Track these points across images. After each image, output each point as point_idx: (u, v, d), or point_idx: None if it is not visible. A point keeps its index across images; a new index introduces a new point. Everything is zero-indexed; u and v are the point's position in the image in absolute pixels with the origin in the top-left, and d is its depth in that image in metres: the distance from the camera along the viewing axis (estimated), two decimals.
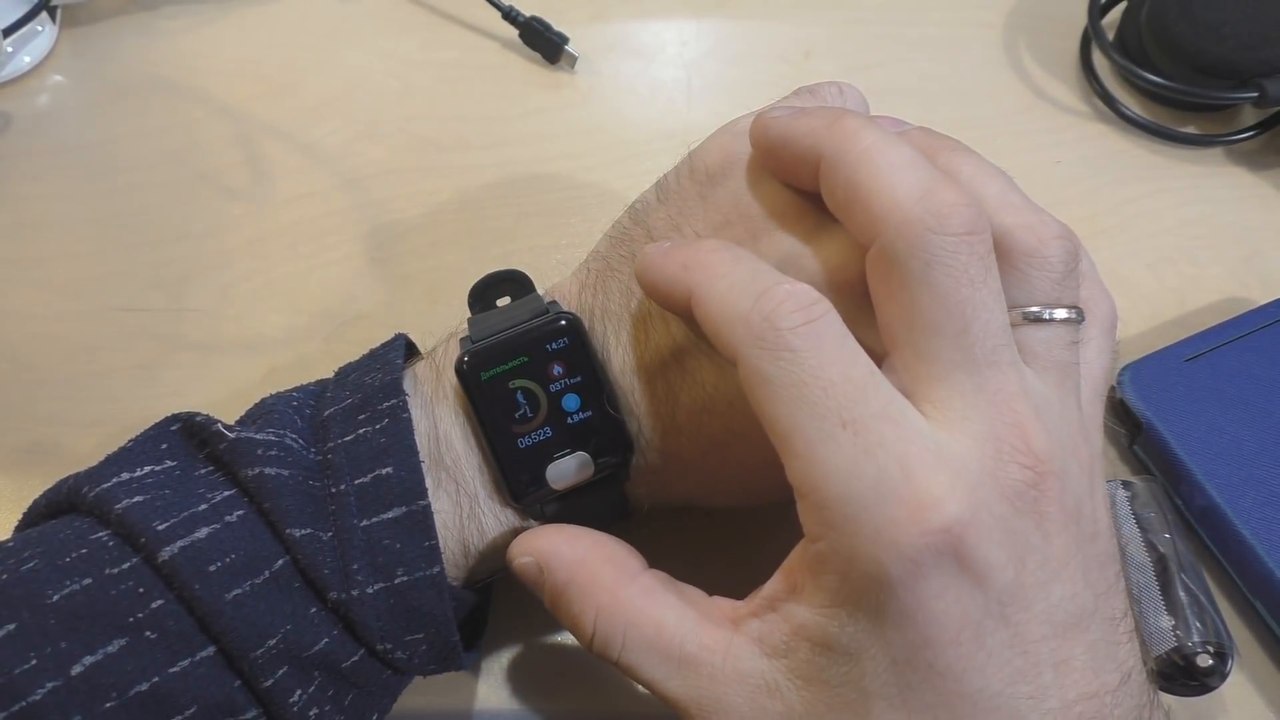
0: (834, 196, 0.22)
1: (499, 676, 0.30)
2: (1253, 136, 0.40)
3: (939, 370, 0.20)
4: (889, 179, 0.21)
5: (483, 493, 0.25)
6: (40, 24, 0.44)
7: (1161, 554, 0.29)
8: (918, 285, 0.20)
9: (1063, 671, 0.19)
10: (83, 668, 0.21)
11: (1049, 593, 0.19)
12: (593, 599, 0.23)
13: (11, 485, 0.33)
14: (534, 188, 0.40)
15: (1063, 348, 0.21)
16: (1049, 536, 0.20)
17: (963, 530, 0.18)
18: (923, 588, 0.18)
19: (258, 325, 0.36)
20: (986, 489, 0.19)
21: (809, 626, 0.20)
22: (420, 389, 0.26)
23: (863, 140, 0.21)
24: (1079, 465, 0.21)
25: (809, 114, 0.23)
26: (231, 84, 0.43)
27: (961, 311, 0.20)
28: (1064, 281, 0.21)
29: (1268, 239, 0.38)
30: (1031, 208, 0.22)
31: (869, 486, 0.19)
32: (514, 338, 0.25)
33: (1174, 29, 0.39)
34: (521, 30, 0.43)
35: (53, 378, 0.35)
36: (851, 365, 0.19)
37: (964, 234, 0.20)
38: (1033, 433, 0.20)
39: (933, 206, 0.20)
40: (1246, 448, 0.30)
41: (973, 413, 0.20)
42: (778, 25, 0.45)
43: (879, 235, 0.20)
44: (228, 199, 0.40)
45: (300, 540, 0.22)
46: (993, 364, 0.20)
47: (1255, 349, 0.32)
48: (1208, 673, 0.27)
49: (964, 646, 0.19)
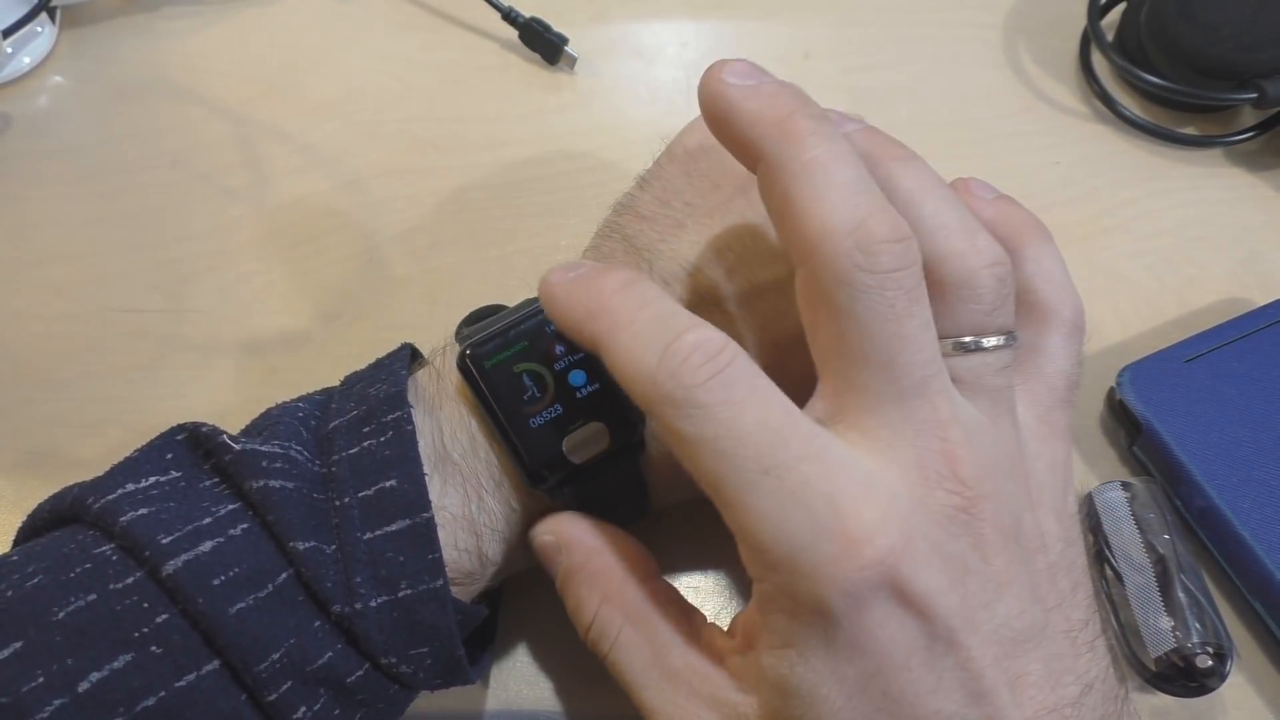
0: (769, 201, 0.22)
1: (502, 681, 0.30)
2: (1252, 137, 0.40)
3: (866, 400, 0.20)
4: (825, 203, 0.20)
5: (492, 484, 0.25)
6: (40, 25, 0.44)
7: (1161, 555, 0.29)
8: (844, 317, 0.20)
9: (1018, 689, 0.20)
10: (89, 684, 0.20)
11: (994, 612, 0.20)
12: (601, 587, 0.24)
13: (11, 486, 0.33)
14: (533, 189, 0.40)
15: (993, 374, 0.21)
16: (987, 557, 0.20)
17: (897, 559, 0.19)
18: (867, 618, 0.19)
19: (258, 326, 0.36)
20: (919, 516, 0.19)
21: (765, 669, 0.20)
22: (422, 395, 0.26)
23: (808, 151, 0.21)
24: (1015, 484, 0.21)
25: (761, 97, 0.22)
26: (231, 85, 0.43)
27: (887, 345, 0.20)
28: (994, 311, 0.21)
29: (1267, 240, 0.38)
30: (965, 230, 0.22)
31: (801, 527, 0.19)
32: (511, 324, 0.26)
33: (1173, 30, 0.39)
34: (521, 31, 0.43)
35: (53, 378, 0.35)
36: (766, 411, 0.19)
37: (890, 271, 0.20)
38: (960, 458, 0.20)
39: (863, 241, 0.20)
40: (1246, 449, 0.30)
41: (899, 441, 0.20)
42: (777, 26, 0.45)
43: (808, 261, 0.20)
44: (228, 200, 0.40)
45: (304, 553, 0.22)
46: (920, 394, 0.20)
47: (1255, 350, 0.32)
48: (1207, 673, 0.27)
49: (915, 671, 0.19)
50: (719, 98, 0.22)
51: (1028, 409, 0.23)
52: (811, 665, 0.19)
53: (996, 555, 0.20)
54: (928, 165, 0.23)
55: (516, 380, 0.25)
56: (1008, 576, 0.20)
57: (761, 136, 0.21)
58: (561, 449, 0.24)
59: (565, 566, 0.24)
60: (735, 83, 0.22)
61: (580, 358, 0.25)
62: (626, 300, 0.21)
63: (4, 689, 0.20)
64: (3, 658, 0.20)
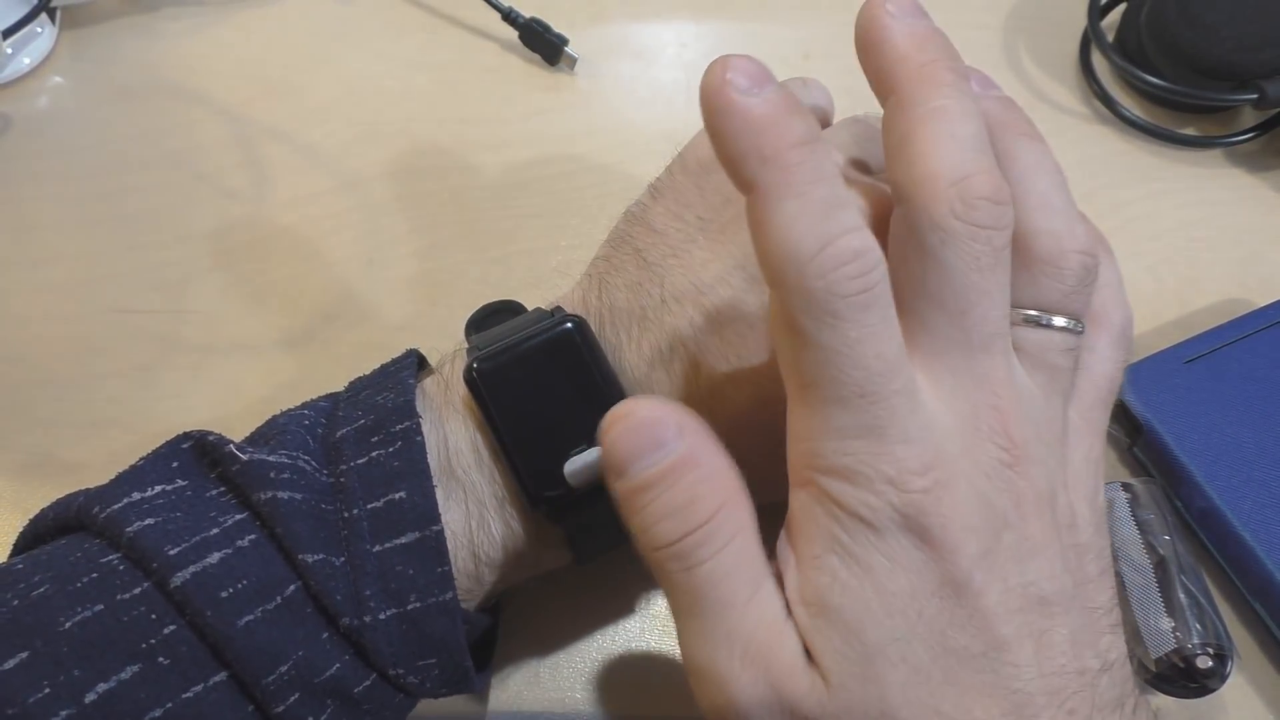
0: (888, 135, 0.22)
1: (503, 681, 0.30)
2: (1252, 138, 0.40)
3: (936, 345, 0.21)
4: (939, 149, 0.20)
5: (494, 501, 0.25)
6: (40, 25, 0.44)
7: (1161, 556, 0.29)
8: (930, 259, 0.20)
9: (1042, 645, 0.20)
10: (96, 695, 0.20)
11: (1024, 569, 0.20)
12: (725, 487, 0.21)
13: (11, 487, 0.33)
14: (534, 189, 0.40)
15: (1056, 353, 0.22)
16: (1025, 518, 0.20)
17: (941, 493, 0.19)
18: (906, 540, 0.19)
19: (257, 327, 0.36)
20: (966, 462, 0.20)
21: (802, 589, 0.20)
22: (429, 404, 0.26)
23: (942, 98, 0.21)
24: (1055, 460, 0.22)
25: (915, 35, 0.22)
26: (231, 86, 0.43)
27: (965, 294, 0.20)
28: (1072, 294, 0.22)
29: (1267, 240, 0.38)
30: (1067, 214, 0.22)
31: (868, 447, 0.20)
32: (521, 339, 0.25)
33: (1173, 30, 0.39)
34: (521, 32, 0.43)
35: (52, 379, 0.35)
36: (887, 343, 0.20)
37: (983, 226, 0.20)
38: (1011, 418, 0.21)
39: (964, 192, 0.20)
40: (1246, 449, 0.30)
41: (960, 390, 0.21)
42: (777, 27, 0.45)
43: (909, 198, 0.21)
44: (227, 200, 0.40)
45: (312, 566, 0.22)
46: (986, 349, 0.21)
47: (1255, 351, 0.32)
48: (1207, 674, 0.27)
49: (945, 601, 0.19)
50: (874, 24, 0.22)
51: (1072, 405, 0.23)
52: (854, 573, 0.20)
53: (1033, 519, 0.20)
54: (1049, 149, 0.23)
55: (523, 400, 0.25)
56: (1041, 540, 0.20)
57: (902, 72, 0.22)
58: (562, 473, 0.24)
59: (683, 455, 0.20)
60: (895, 13, 0.22)
61: (590, 379, 0.25)
62: (805, 161, 0.19)
63: (11, 699, 0.20)
64: (9, 668, 0.20)
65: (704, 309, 0.25)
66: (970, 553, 0.19)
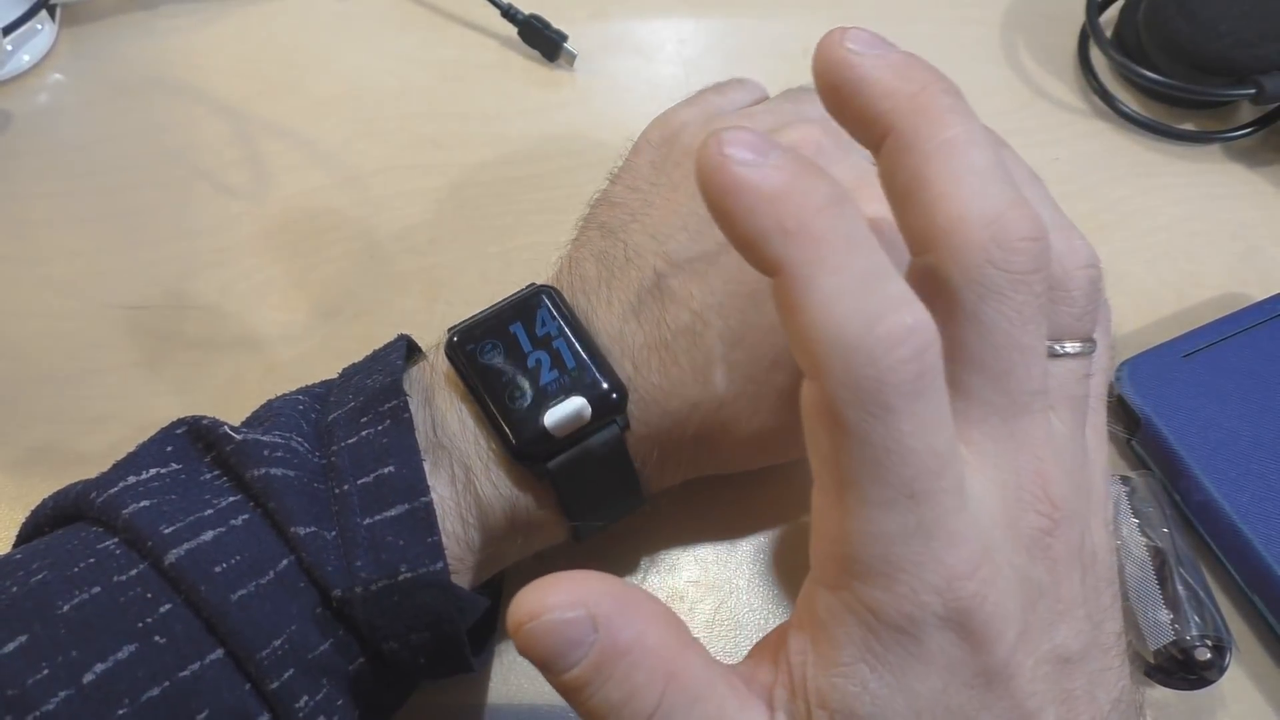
0: (893, 180, 0.19)
1: (503, 675, 0.30)
2: (1250, 133, 0.40)
3: (976, 410, 0.19)
4: (962, 189, 0.18)
5: (480, 464, 0.25)
6: (40, 22, 0.44)
7: (1160, 549, 0.29)
8: (967, 317, 0.18)
9: (1064, 705, 0.19)
10: (94, 675, 0.21)
11: (1054, 635, 0.19)
12: (662, 666, 0.18)
13: (12, 483, 0.33)
14: (533, 185, 0.40)
15: (1075, 382, 0.21)
16: (1058, 580, 0.19)
17: (987, 591, 0.18)
18: (945, 639, 0.18)
19: (257, 323, 0.36)
20: (1009, 545, 0.19)
21: (825, 691, 0.18)
22: (417, 385, 0.26)
23: (948, 128, 0.19)
24: (1084, 501, 0.20)
25: (894, 66, 0.20)
26: (231, 82, 0.43)
27: (1009, 354, 0.18)
28: (1084, 315, 0.21)
29: (1265, 235, 0.38)
30: (1062, 227, 0.21)
31: (914, 553, 0.17)
32: (498, 310, 0.26)
33: (1172, 26, 0.39)
34: (520, 28, 0.43)
35: (53, 375, 0.35)
36: (939, 434, 0.17)
37: (1025, 273, 0.18)
38: (1052, 479, 0.19)
39: (1001, 236, 0.18)
40: (1244, 443, 0.31)
41: (1004, 461, 0.19)
42: (776, 23, 0.45)
43: (934, 250, 0.18)
44: (227, 197, 0.40)
45: (304, 539, 0.23)
46: (1027, 410, 0.19)
47: (1253, 345, 0.32)
48: (1206, 666, 0.27)
49: (975, 690, 0.18)
50: (842, 65, 0.20)
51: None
52: (885, 682, 0.18)
53: (1065, 578, 0.19)
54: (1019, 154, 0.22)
55: (501, 362, 0.25)
56: (1070, 599, 0.20)
57: (893, 109, 0.19)
58: (544, 424, 0.24)
59: (604, 648, 0.18)
60: (860, 50, 0.20)
61: (563, 334, 0.26)
62: (840, 230, 0.17)
63: (11, 681, 0.20)
64: (9, 651, 0.20)
65: (664, 255, 0.27)
66: (1009, 640, 0.18)
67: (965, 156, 0.18)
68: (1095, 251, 0.21)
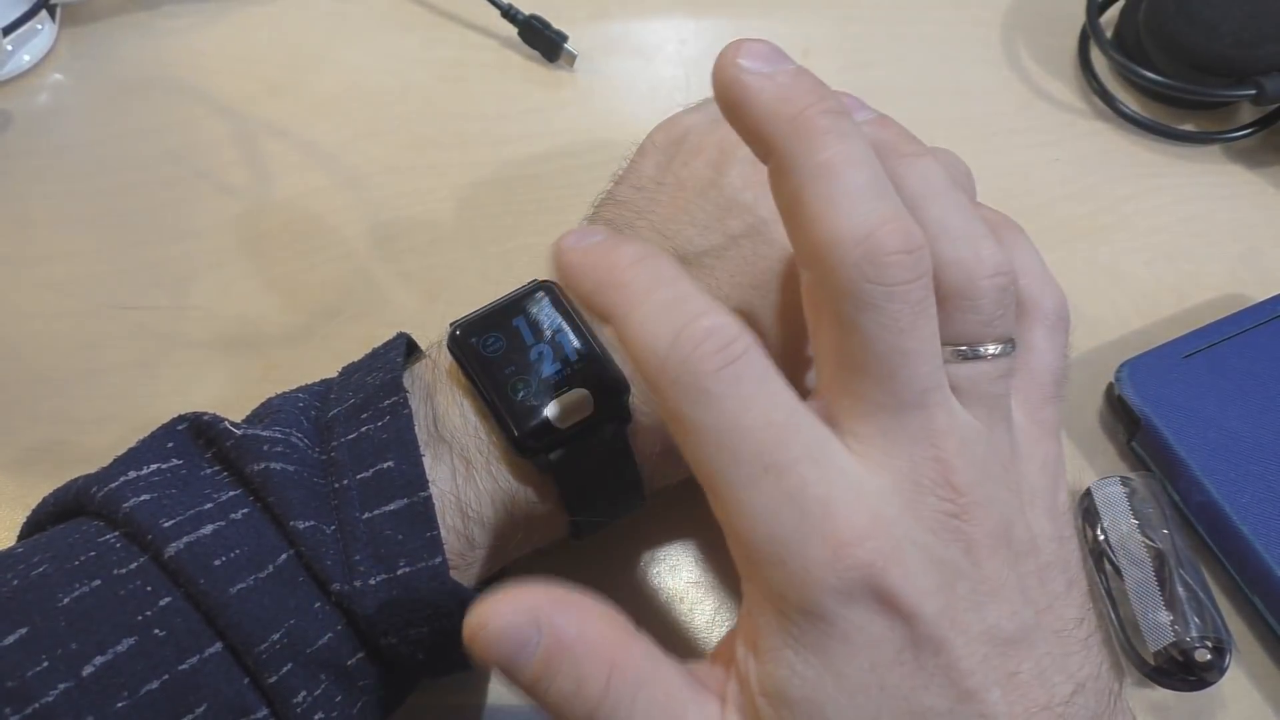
0: (778, 198, 0.21)
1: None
2: (1250, 134, 0.40)
3: (864, 408, 0.20)
4: (837, 208, 0.19)
5: (480, 457, 0.25)
6: (40, 22, 0.44)
7: (1160, 550, 0.29)
8: (847, 327, 0.20)
9: (1009, 687, 0.20)
10: (94, 668, 0.21)
11: (984, 615, 0.20)
12: (605, 656, 0.20)
13: (13, 483, 0.33)
14: (533, 185, 0.40)
15: (989, 382, 0.21)
16: (978, 562, 0.20)
17: (885, 562, 0.19)
18: (857, 616, 0.19)
19: (258, 323, 0.36)
20: (908, 521, 0.19)
21: (761, 680, 0.20)
22: (419, 382, 0.26)
23: (824, 150, 0.20)
24: (1007, 490, 0.21)
25: (779, 86, 0.21)
26: (231, 82, 0.43)
27: (889, 358, 0.20)
28: (992, 321, 0.21)
29: (1265, 236, 0.38)
30: (968, 237, 0.21)
31: (792, 528, 0.19)
32: (499, 304, 0.27)
33: (1172, 26, 0.39)
34: (521, 28, 0.43)
35: (53, 376, 0.35)
36: (773, 408, 0.19)
37: (899, 284, 0.19)
38: (954, 467, 0.20)
39: (871, 252, 0.19)
40: (1244, 444, 0.31)
41: (895, 450, 0.20)
42: (776, 23, 0.45)
43: (814, 266, 0.20)
44: (228, 197, 0.40)
45: (304, 532, 0.23)
46: (918, 406, 0.20)
47: (1253, 345, 0.32)
48: (1206, 667, 0.27)
49: (906, 667, 0.19)
50: (732, 85, 0.21)
51: (1018, 408, 0.23)
52: (810, 664, 0.19)
53: (987, 560, 0.20)
54: (937, 164, 0.22)
55: (503, 354, 0.25)
56: (998, 580, 0.20)
57: (774, 132, 0.20)
58: (546, 415, 0.25)
59: (548, 646, 0.20)
60: (750, 68, 0.21)
61: (565, 328, 0.26)
62: (641, 275, 0.20)
63: (10, 673, 0.20)
64: (9, 643, 0.21)
65: (671, 250, 0.27)
66: (927, 614, 0.19)
67: (840, 178, 0.20)
68: (1005, 258, 0.21)
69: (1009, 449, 0.22)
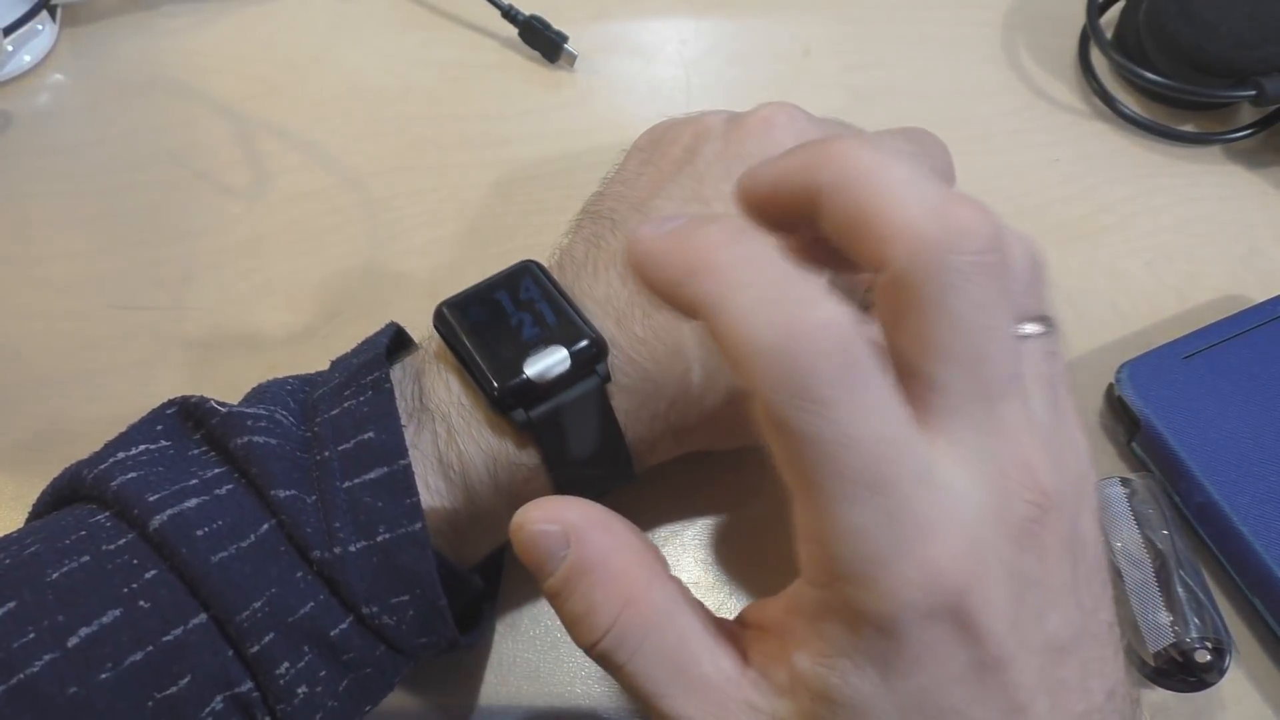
0: (839, 226, 0.19)
1: (502, 676, 0.30)
2: (1251, 135, 0.40)
3: (953, 403, 0.19)
4: (898, 198, 0.18)
5: (462, 421, 0.25)
6: (40, 23, 0.44)
7: (1160, 551, 0.29)
8: (935, 311, 0.18)
9: (1057, 695, 0.19)
10: (79, 639, 0.21)
11: (1045, 625, 0.19)
12: (621, 590, 0.20)
13: (12, 482, 0.33)
14: (533, 186, 0.40)
15: (1043, 360, 0.21)
16: (1048, 569, 0.19)
17: (971, 585, 0.18)
18: (931, 637, 0.18)
19: (257, 324, 0.36)
20: (996, 536, 0.19)
21: (808, 676, 0.19)
22: (409, 367, 0.27)
23: (862, 161, 0.19)
24: (1073, 486, 0.20)
25: (796, 152, 0.20)
26: (231, 83, 0.43)
27: (981, 341, 0.18)
28: (1030, 290, 0.21)
29: (1266, 236, 0.38)
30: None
31: (888, 548, 0.18)
32: (484, 282, 0.27)
33: (1172, 27, 0.39)
34: (521, 29, 0.43)
35: (52, 375, 0.35)
36: (886, 421, 0.17)
37: (984, 252, 0.18)
38: (1039, 467, 0.19)
39: (950, 224, 0.18)
40: (1245, 445, 0.30)
41: (985, 450, 0.19)
42: (776, 24, 0.45)
43: (891, 259, 0.18)
44: (227, 197, 0.40)
45: (284, 501, 0.23)
46: (1005, 395, 0.19)
47: (1253, 346, 0.32)
48: (1206, 668, 0.27)
49: (967, 685, 0.18)
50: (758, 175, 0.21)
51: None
52: (868, 678, 0.18)
53: (1055, 565, 0.19)
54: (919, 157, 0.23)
55: (484, 323, 0.26)
56: (1061, 585, 0.19)
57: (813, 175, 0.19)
58: (524, 372, 0.25)
59: (573, 563, 0.20)
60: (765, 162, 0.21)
61: (544, 298, 0.26)
62: (740, 255, 0.18)
63: None
64: None
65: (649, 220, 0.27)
66: (999, 634, 0.18)
67: (889, 173, 0.19)
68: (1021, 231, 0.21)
69: (1070, 437, 0.21)
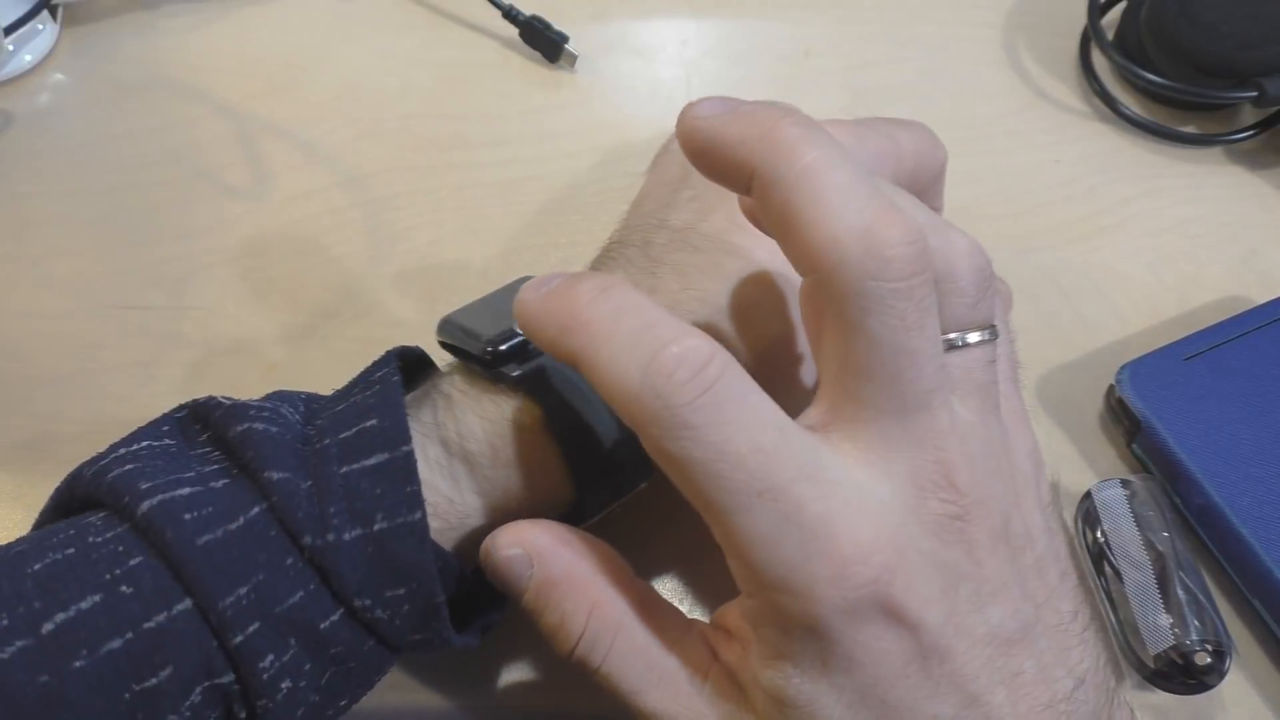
0: (768, 216, 0.20)
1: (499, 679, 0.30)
2: (1252, 136, 0.40)
3: (865, 413, 0.20)
4: (828, 208, 0.19)
5: (459, 393, 0.25)
6: (41, 22, 0.44)
7: (1160, 552, 0.29)
8: (853, 330, 0.19)
9: (1014, 687, 0.20)
10: (54, 625, 0.20)
11: (987, 616, 0.20)
12: (587, 596, 0.22)
13: (11, 482, 0.33)
14: (534, 186, 0.40)
15: (980, 369, 0.21)
16: (980, 562, 0.20)
17: (890, 576, 0.18)
18: (862, 634, 0.19)
19: (257, 323, 0.36)
20: (911, 528, 0.19)
21: (761, 679, 0.20)
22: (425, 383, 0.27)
23: (802, 156, 0.19)
24: (1003, 484, 0.21)
25: (742, 116, 0.21)
26: (232, 82, 0.43)
27: (895, 360, 0.19)
28: (977, 305, 0.21)
29: (1267, 238, 0.38)
30: (938, 227, 0.21)
31: (794, 549, 0.18)
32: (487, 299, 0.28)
33: (1173, 28, 0.39)
34: (521, 29, 0.43)
35: (53, 375, 0.35)
36: (759, 430, 0.19)
37: (904, 279, 0.19)
38: (955, 467, 0.20)
39: (873, 247, 0.18)
40: (1245, 446, 0.30)
41: (896, 454, 0.20)
42: (777, 24, 0.45)
43: (815, 270, 0.19)
44: (228, 197, 0.40)
45: (277, 483, 0.22)
46: (922, 408, 0.20)
47: (1254, 348, 0.32)
48: (1206, 671, 0.27)
49: (911, 679, 0.19)
50: (697, 131, 0.21)
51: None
52: (808, 678, 0.19)
53: (988, 559, 0.20)
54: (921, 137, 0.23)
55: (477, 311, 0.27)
56: (999, 579, 0.20)
57: (751, 153, 0.20)
58: (516, 333, 0.25)
59: (540, 580, 0.22)
60: (711, 114, 0.21)
61: None
62: (602, 309, 0.20)
63: None
64: None
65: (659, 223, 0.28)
66: (932, 623, 0.19)
67: (825, 178, 0.19)
68: (977, 241, 0.21)
69: (1002, 443, 0.21)
